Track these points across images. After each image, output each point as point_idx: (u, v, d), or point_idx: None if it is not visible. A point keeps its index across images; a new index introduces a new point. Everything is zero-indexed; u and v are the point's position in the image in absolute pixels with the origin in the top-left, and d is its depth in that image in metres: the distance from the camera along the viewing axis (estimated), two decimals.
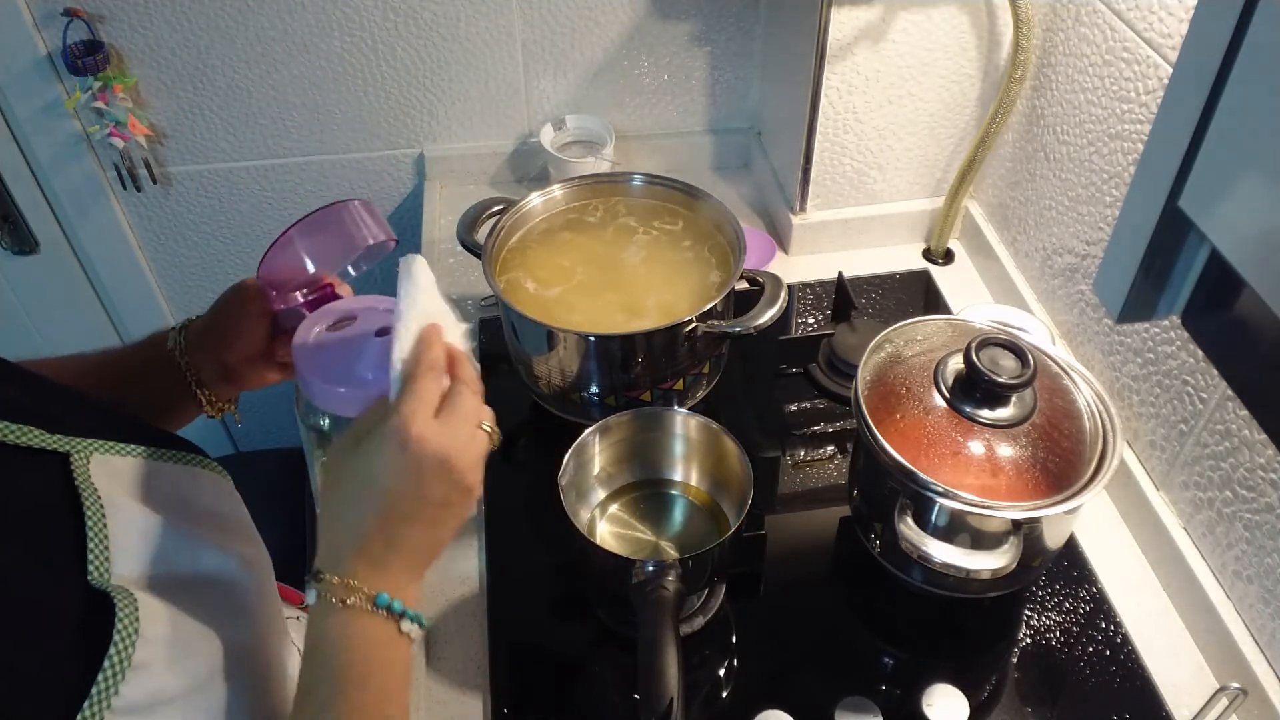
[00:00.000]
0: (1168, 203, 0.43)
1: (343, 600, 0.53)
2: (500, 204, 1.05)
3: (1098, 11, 0.95)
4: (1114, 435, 0.77)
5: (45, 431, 0.55)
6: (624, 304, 0.98)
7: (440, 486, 0.56)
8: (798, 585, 0.92)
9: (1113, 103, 0.94)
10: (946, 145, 1.21)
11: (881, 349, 0.85)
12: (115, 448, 0.58)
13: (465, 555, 0.93)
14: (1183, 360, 0.87)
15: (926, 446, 0.77)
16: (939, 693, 0.80)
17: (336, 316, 0.67)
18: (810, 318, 1.18)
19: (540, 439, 1.05)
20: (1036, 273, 1.13)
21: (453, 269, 1.24)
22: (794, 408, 1.08)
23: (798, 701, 0.79)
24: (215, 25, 1.20)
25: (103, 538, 0.52)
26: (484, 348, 1.12)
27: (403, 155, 1.37)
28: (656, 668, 0.70)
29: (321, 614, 0.54)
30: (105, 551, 0.52)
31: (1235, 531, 0.82)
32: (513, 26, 1.26)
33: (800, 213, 1.25)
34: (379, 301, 0.67)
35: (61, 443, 0.55)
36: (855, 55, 1.10)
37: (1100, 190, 0.98)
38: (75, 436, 0.56)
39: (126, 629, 0.49)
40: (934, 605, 0.89)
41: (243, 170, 1.35)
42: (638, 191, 1.08)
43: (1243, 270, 0.39)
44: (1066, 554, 0.92)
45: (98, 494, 0.54)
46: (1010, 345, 0.77)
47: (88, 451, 0.56)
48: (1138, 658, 0.85)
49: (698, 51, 1.32)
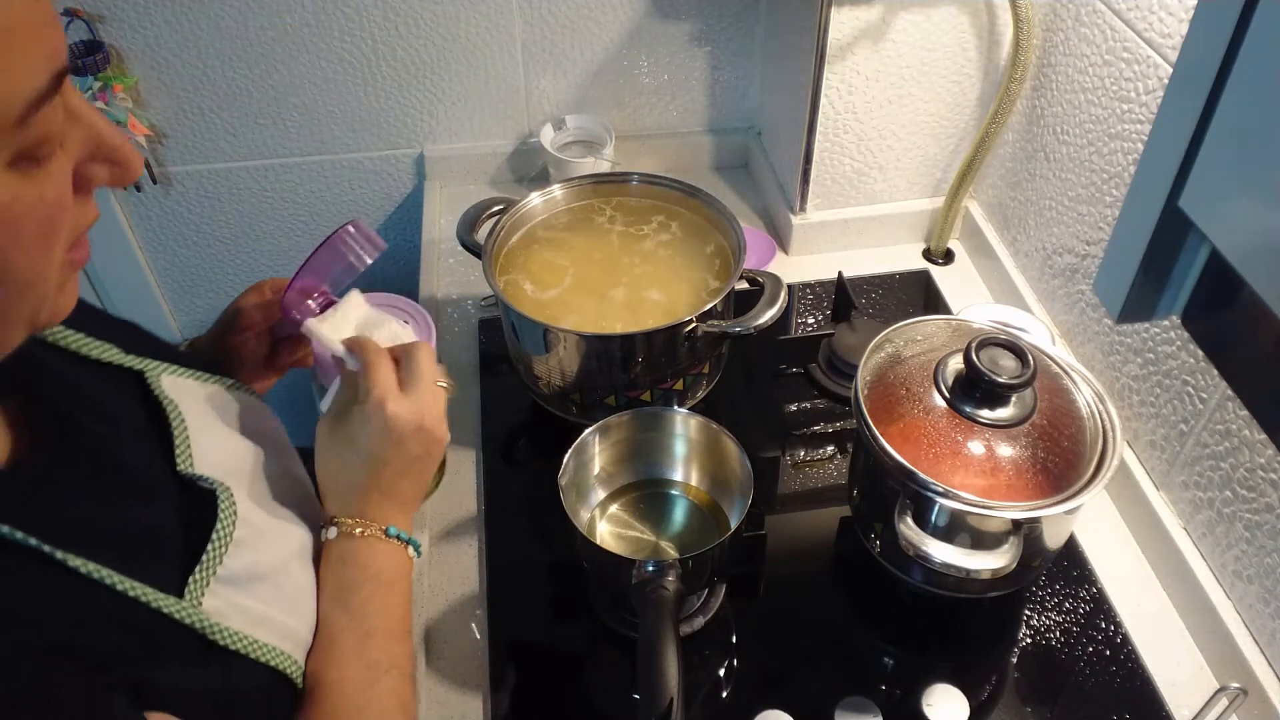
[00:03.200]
0: (1168, 203, 0.43)
1: (362, 532, 0.66)
2: (500, 204, 1.05)
3: (1098, 11, 0.95)
4: (1114, 435, 0.77)
5: (122, 351, 0.63)
6: (624, 304, 0.98)
7: (418, 445, 0.68)
8: (798, 585, 0.92)
9: (1113, 103, 0.94)
10: (946, 145, 1.21)
11: (881, 349, 0.85)
12: (183, 371, 0.66)
13: (465, 555, 0.93)
14: (1183, 360, 0.87)
15: (926, 446, 0.77)
16: (939, 693, 0.80)
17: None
18: (810, 318, 1.18)
19: (540, 439, 1.05)
20: (1036, 273, 1.13)
21: (453, 269, 1.24)
22: (794, 408, 1.08)
23: (798, 701, 0.79)
24: (215, 25, 1.20)
25: (185, 436, 0.60)
26: (484, 348, 1.12)
27: (403, 155, 1.37)
28: (656, 668, 0.70)
29: (345, 542, 0.66)
30: (188, 448, 0.60)
31: (1235, 531, 0.82)
32: (513, 26, 1.26)
33: (800, 213, 1.25)
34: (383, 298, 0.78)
35: (136, 362, 0.63)
36: (855, 55, 1.10)
37: (1100, 190, 0.98)
38: (145, 358, 0.64)
39: (227, 508, 0.57)
40: (934, 605, 0.89)
41: (243, 170, 1.35)
42: (638, 191, 1.08)
43: (1243, 270, 0.39)
44: (1066, 554, 0.92)
45: (174, 402, 0.62)
46: (1010, 345, 0.77)
47: (159, 372, 0.64)
48: (1138, 658, 0.85)
49: (698, 51, 1.32)
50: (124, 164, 0.48)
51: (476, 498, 0.98)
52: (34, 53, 0.40)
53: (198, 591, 0.53)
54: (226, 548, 0.56)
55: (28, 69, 0.40)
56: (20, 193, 0.41)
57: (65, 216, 0.45)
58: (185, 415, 0.62)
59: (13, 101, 0.39)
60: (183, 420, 0.61)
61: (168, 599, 0.51)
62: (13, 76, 0.39)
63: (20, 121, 0.40)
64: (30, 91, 0.40)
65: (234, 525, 0.57)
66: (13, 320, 0.45)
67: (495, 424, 1.05)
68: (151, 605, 0.50)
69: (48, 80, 0.41)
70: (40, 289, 0.45)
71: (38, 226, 0.43)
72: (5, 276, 0.43)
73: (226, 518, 0.57)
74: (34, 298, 0.45)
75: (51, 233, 0.44)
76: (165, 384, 0.64)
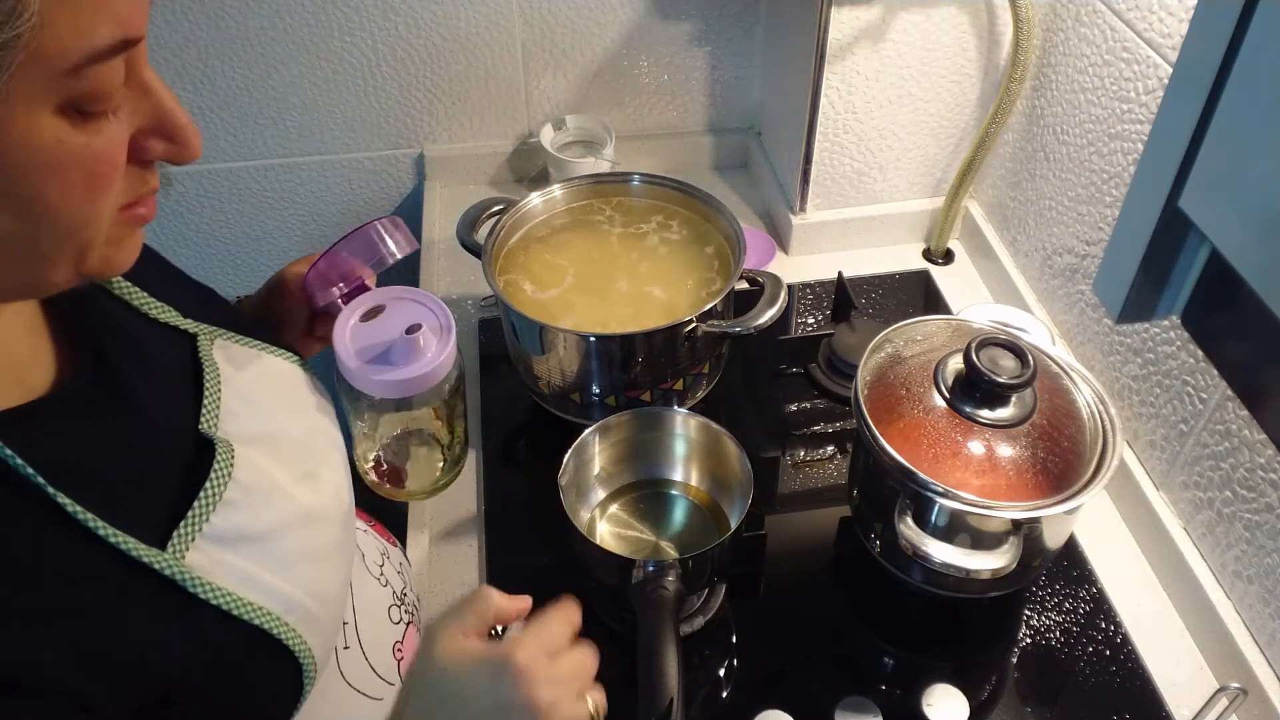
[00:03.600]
0: (1168, 203, 0.42)
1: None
2: (500, 204, 1.05)
3: (1098, 11, 0.95)
4: (1114, 435, 0.77)
5: (180, 314, 0.66)
6: (624, 304, 0.98)
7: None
8: (798, 585, 0.92)
9: (1113, 103, 0.94)
10: (946, 145, 1.21)
11: (881, 349, 0.85)
12: (234, 337, 0.69)
13: (465, 555, 0.93)
14: (1183, 360, 0.87)
15: (926, 446, 0.77)
16: (939, 693, 0.80)
17: (368, 306, 0.76)
18: (810, 318, 1.18)
19: (540, 439, 1.05)
20: (1036, 273, 1.13)
21: (452, 269, 1.24)
22: (794, 408, 1.08)
23: (798, 701, 0.79)
24: (215, 25, 1.20)
25: (216, 399, 0.62)
26: (484, 348, 1.12)
27: (403, 155, 1.37)
28: (656, 668, 0.70)
29: None
30: (216, 410, 0.62)
31: (1235, 531, 0.82)
32: (513, 26, 1.26)
33: (800, 213, 1.25)
34: (404, 292, 0.77)
35: (191, 325, 0.66)
36: (855, 55, 1.10)
37: (1100, 190, 0.98)
38: (202, 323, 0.67)
39: (222, 468, 0.58)
40: (934, 605, 0.89)
41: (243, 170, 1.34)
42: (638, 191, 1.08)
43: (1243, 270, 0.39)
44: (1066, 554, 0.92)
45: (216, 366, 0.64)
46: (1010, 345, 0.77)
47: (211, 336, 0.67)
48: (1138, 658, 0.85)
49: (698, 51, 1.32)
50: (183, 143, 0.51)
51: (476, 498, 0.98)
52: (102, 15, 0.43)
53: (181, 545, 0.54)
54: (214, 506, 0.56)
55: (89, 25, 0.42)
56: (66, 137, 0.44)
57: (113, 173, 0.47)
58: (226, 380, 0.64)
59: (67, 51, 0.42)
60: (218, 383, 0.63)
61: (150, 550, 0.52)
62: (74, 29, 0.42)
63: (74, 71, 0.42)
64: (88, 46, 0.42)
65: (225, 485, 0.57)
66: (53, 259, 0.48)
67: (495, 424, 1.05)
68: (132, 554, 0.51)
69: (109, 43, 0.43)
70: (83, 235, 0.47)
71: (82, 174, 0.45)
72: (46, 215, 0.45)
73: (219, 477, 0.57)
74: (77, 241, 0.47)
75: (96, 184, 0.46)
76: (216, 349, 0.66)
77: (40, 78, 0.42)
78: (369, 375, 0.72)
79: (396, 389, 0.73)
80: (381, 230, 0.77)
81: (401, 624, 0.78)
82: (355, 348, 0.73)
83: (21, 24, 0.40)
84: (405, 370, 0.72)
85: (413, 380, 0.72)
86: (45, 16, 0.40)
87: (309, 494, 0.65)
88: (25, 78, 0.41)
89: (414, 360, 0.72)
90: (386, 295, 0.77)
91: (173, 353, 0.64)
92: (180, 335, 0.65)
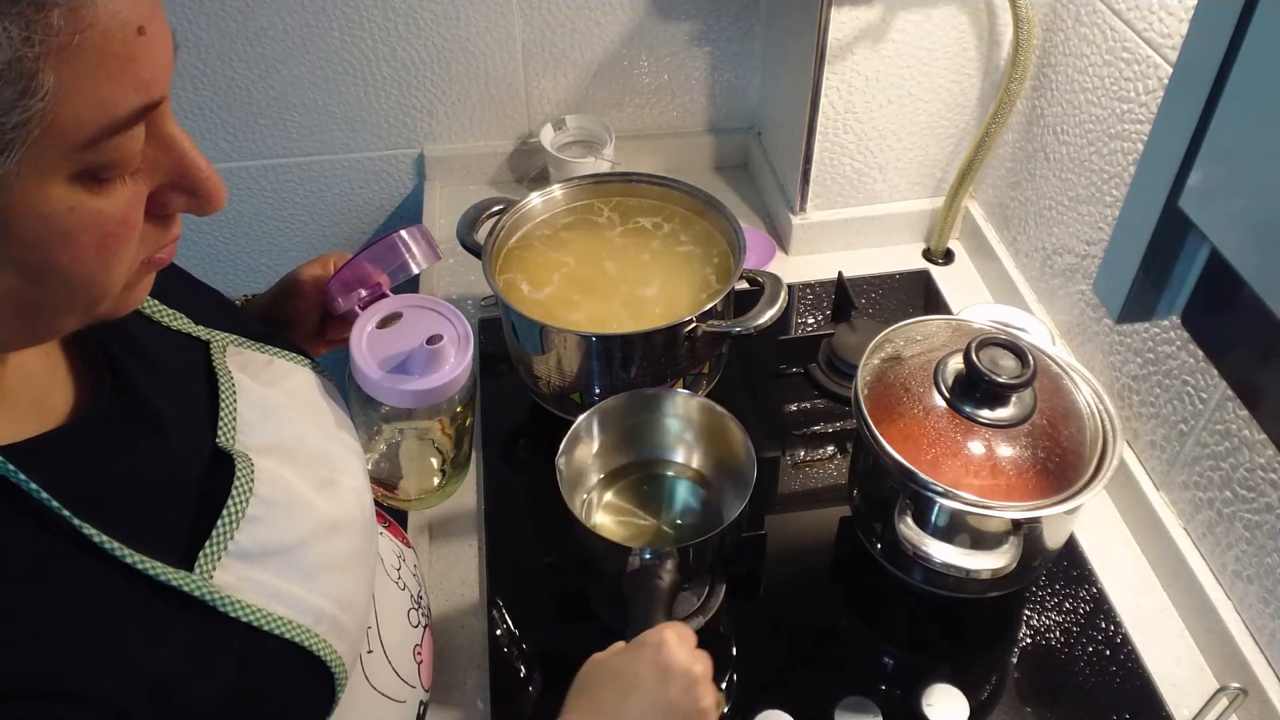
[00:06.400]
0: (1168, 203, 0.42)
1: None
2: (500, 204, 1.05)
3: (1098, 11, 0.95)
4: (1114, 435, 0.77)
5: (192, 321, 0.64)
6: (624, 304, 0.98)
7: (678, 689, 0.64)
8: (798, 585, 0.92)
9: (1113, 103, 0.94)
10: (946, 145, 1.21)
11: (881, 349, 0.85)
12: (246, 343, 0.67)
13: (465, 555, 0.93)
14: (1183, 360, 0.87)
15: (926, 446, 0.77)
16: (939, 693, 0.80)
17: (385, 313, 0.75)
18: (810, 318, 1.18)
19: (540, 439, 1.05)
20: (1036, 273, 1.13)
21: (453, 269, 1.24)
22: (794, 408, 1.08)
23: (798, 701, 0.79)
24: (215, 25, 1.20)
25: (232, 410, 0.61)
26: (484, 348, 1.12)
27: (403, 155, 1.37)
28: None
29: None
30: (233, 422, 0.61)
31: (1235, 531, 0.82)
32: (513, 26, 1.26)
33: (800, 213, 1.25)
34: (421, 299, 0.77)
35: (204, 332, 0.65)
36: (855, 55, 1.10)
37: (1100, 190, 0.98)
38: (215, 329, 0.66)
39: (243, 484, 0.57)
40: (934, 605, 0.89)
41: (243, 170, 1.35)
42: (637, 191, 1.08)
43: (1243, 270, 0.39)
44: (1066, 554, 0.92)
45: (231, 375, 0.63)
46: (1010, 345, 0.77)
47: (224, 343, 0.65)
48: (1138, 658, 0.85)
49: (698, 51, 1.32)
50: (205, 197, 0.49)
51: (476, 497, 0.98)
52: (121, 84, 0.41)
53: (208, 565, 0.53)
54: (238, 523, 0.56)
55: (108, 98, 0.41)
56: (79, 205, 0.42)
57: (128, 234, 0.46)
58: (241, 389, 0.63)
59: (84, 126, 0.40)
60: (234, 394, 0.62)
61: (177, 573, 0.51)
62: (91, 104, 0.40)
63: (90, 145, 0.41)
64: (105, 120, 0.41)
65: (247, 502, 0.57)
66: (62, 312, 0.47)
67: (495, 424, 1.05)
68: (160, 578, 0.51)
69: (129, 113, 0.42)
70: (93, 292, 0.46)
71: (94, 239, 0.44)
72: (57, 277, 0.44)
73: (240, 494, 0.57)
74: (87, 298, 0.46)
75: (109, 246, 0.45)
76: (230, 356, 0.65)
77: (55, 153, 0.40)
78: (388, 384, 0.71)
79: (414, 399, 0.72)
80: (407, 239, 0.76)
81: (420, 627, 0.77)
82: (375, 357, 0.72)
83: (34, 103, 0.38)
84: (424, 380, 0.71)
85: (431, 391, 0.71)
86: (62, 92, 0.39)
87: (330, 502, 0.64)
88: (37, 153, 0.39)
89: (433, 371, 0.71)
90: (404, 303, 0.76)
91: (187, 362, 0.63)
92: (193, 343, 0.64)
